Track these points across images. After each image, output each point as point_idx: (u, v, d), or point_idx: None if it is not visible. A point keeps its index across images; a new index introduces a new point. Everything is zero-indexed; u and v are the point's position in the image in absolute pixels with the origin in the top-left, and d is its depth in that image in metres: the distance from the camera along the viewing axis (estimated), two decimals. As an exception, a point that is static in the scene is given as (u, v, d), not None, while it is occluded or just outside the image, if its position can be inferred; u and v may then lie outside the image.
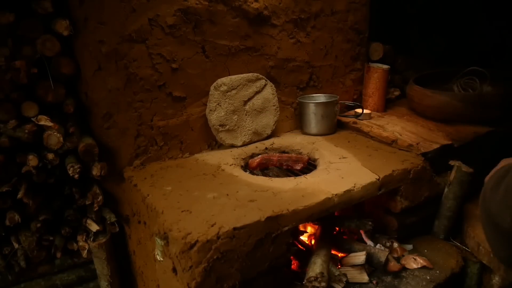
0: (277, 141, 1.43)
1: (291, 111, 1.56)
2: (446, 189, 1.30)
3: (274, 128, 1.46)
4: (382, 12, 1.75)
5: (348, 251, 1.18)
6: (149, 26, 1.15)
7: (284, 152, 1.37)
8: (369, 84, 1.64)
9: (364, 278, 1.10)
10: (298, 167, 1.26)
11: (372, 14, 1.67)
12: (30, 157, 1.03)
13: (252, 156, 1.34)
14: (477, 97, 1.47)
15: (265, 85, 1.40)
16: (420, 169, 1.20)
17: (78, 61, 1.10)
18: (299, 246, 1.24)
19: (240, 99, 1.35)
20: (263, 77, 1.39)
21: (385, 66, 1.60)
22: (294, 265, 1.18)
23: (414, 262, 1.17)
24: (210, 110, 1.30)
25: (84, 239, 1.19)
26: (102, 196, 1.16)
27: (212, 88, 1.30)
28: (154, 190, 1.07)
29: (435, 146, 1.26)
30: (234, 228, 0.86)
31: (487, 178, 0.71)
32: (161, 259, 0.97)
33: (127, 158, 1.22)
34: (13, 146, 1.03)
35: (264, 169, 1.28)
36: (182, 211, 0.94)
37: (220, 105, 1.31)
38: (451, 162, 1.29)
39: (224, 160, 1.26)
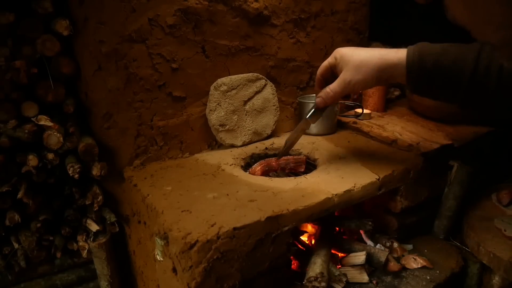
0: (277, 141, 1.43)
1: (291, 111, 1.56)
2: (446, 189, 1.30)
3: (274, 128, 1.46)
4: (382, 12, 1.75)
5: (348, 251, 1.18)
6: (149, 26, 1.15)
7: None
8: (369, 84, 1.64)
9: (364, 278, 1.10)
10: (302, 169, 1.25)
11: (372, 14, 1.67)
12: (30, 157, 1.03)
13: (252, 156, 1.34)
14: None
15: (265, 85, 1.40)
16: (420, 169, 1.20)
17: (78, 61, 1.10)
18: (299, 246, 1.24)
19: (240, 99, 1.35)
20: (263, 77, 1.39)
21: (385, 66, 1.60)
22: (294, 265, 1.18)
23: (414, 262, 1.17)
24: (210, 110, 1.30)
25: (84, 239, 1.19)
26: (102, 196, 1.16)
27: (212, 88, 1.30)
28: (154, 190, 1.07)
29: (435, 146, 1.26)
30: (234, 228, 0.86)
31: None
32: (161, 259, 0.97)
33: (127, 158, 1.22)
34: (13, 146, 1.03)
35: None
36: (182, 211, 0.94)
37: (220, 105, 1.31)
38: (451, 162, 1.29)
39: (224, 160, 1.26)
